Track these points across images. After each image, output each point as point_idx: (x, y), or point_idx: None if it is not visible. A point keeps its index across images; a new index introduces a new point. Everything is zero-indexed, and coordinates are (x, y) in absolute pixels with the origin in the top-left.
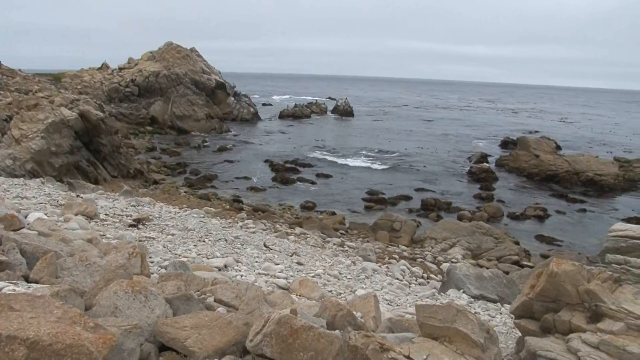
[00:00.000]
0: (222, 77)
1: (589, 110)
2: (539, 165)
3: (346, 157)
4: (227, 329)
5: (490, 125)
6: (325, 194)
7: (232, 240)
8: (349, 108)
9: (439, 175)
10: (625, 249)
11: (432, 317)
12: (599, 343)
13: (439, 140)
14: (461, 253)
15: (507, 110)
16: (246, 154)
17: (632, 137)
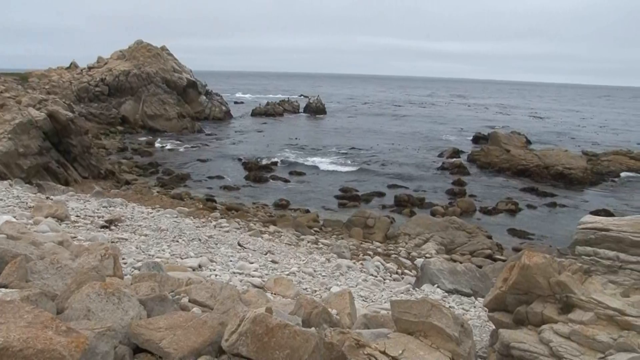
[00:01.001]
0: (193, 75)
1: (559, 106)
2: (510, 160)
3: (319, 155)
4: (203, 329)
5: (461, 121)
6: (298, 191)
7: (205, 239)
8: (321, 105)
9: (412, 171)
10: (594, 241)
11: (407, 313)
12: (570, 333)
13: (411, 137)
14: (435, 248)
15: (479, 105)
16: (219, 152)
17: (599, 130)
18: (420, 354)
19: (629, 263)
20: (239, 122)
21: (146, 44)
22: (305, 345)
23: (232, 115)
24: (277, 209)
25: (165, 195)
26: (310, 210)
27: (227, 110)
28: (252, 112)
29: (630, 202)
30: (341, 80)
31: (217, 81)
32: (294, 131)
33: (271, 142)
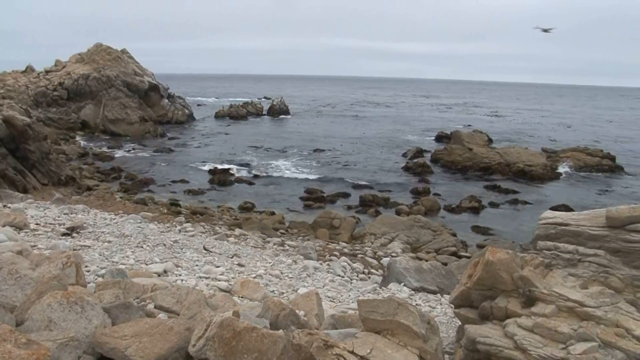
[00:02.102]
0: (155, 78)
1: (519, 104)
2: (473, 158)
3: (283, 157)
4: (169, 335)
5: (424, 121)
6: (263, 194)
7: (171, 244)
8: (285, 107)
9: (376, 171)
10: (554, 235)
11: (374, 312)
12: (533, 326)
13: (375, 137)
14: (400, 247)
15: (441, 105)
16: (182, 156)
17: (557, 128)
18: (388, 352)
19: (587, 256)
20: (202, 125)
21: (106, 47)
22: (273, 348)
23: (195, 119)
24: (242, 212)
25: (129, 200)
26: (276, 212)
27: (190, 113)
28: (215, 114)
29: (588, 196)
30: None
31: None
32: (257, 133)
33: (235, 145)
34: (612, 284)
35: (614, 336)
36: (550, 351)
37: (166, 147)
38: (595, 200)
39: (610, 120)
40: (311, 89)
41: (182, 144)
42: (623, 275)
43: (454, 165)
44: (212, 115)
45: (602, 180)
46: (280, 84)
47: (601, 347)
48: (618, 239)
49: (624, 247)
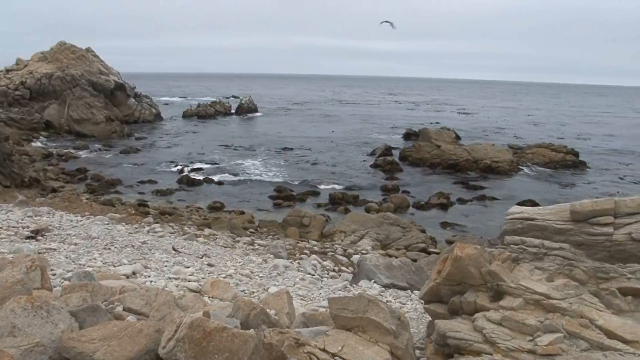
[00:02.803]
0: (121, 77)
1: (486, 102)
2: (441, 155)
3: (252, 156)
4: (138, 338)
5: (393, 119)
6: (232, 193)
7: (139, 245)
8: (253, 106)
9: (345, 169)
10: (521, 230)
11: (345, 309)
12: (502, 319)
13: (343, 135)
14: (370, 244)
15: (409, 103)
16: (150, 156)
17: (523, 125)
18: (359, 349)
19: (553, 249)
20: (170, 124)
21: (70, 46)
22: (244, 348)
23: (162, 118)
24: (211, 212)
25: (95, 201)
26: (245, 212)
27: (157, 112)
28: (183, 114)
29: (553, 191)
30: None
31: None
32: (226, 132)
33: (204, 144)
34: (577, 276)
35: (579, 327)
36: (518, 343)
37: (133, 147)
38: (560, 195)
39: (574, 116)
40: (280, 87)
41: (149, 144)
42: (587, 267)
43: (423, 162)
44: (180, 115)
45: (566, 175)
46: (249, 82)
47: (566, 337)
48: (582, 232)
49: (587, 240)
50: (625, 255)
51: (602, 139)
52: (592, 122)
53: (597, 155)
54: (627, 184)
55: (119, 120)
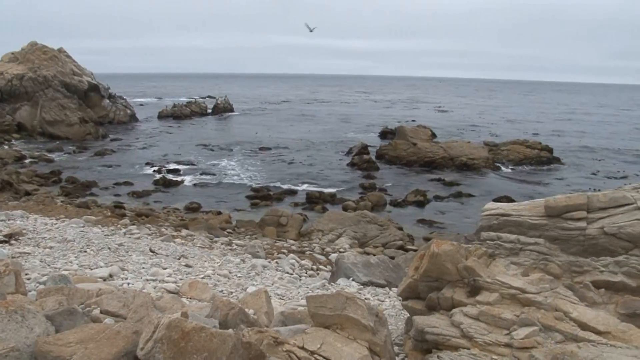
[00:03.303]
0: (94, 78)
1: (462, 99)
2: (417, 153)
3: (229, 156)
4: (116, 340)
5: (369, 117)
6: (209, 194)
7: (115, 248)
8: (229, 106)
9: (322, 168)
10: (497, 226)
11: (323, 307)
12: (479, 314)
13: (320, 134)
14: (348, 242)
15: (385, 101)
16: (126, 157)
17: (498, 122)
18: (338, 346)
19: (528, 244)
20: (145, 125)
21: (41, 46)
22: (222, 347)
23: (138, 119)
24: (188, 213)
25: (70, 204)
26: (223, 212)
27: (132, 113)
28: (158, 114)
29: (528, 187)
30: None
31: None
32: (202, 133)
33: (180, 145)
34: (552, 270)
35: (554, 319)
36: (495, 337)
37: (108, 149)
38: (535, 191)
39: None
40: (256, 87)
41: (125, 145)
42: (561, 261)
43: (399, 160)
44: (155, 116)
45: (541, 171)
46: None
47: (542, 330)
48: (556, 227)
49: (561, 235)
50: (598, 249)
51: (574, 136)
52: (564, 119)
53: (571, 152)
54: (600, 180)
55: (93, 121)
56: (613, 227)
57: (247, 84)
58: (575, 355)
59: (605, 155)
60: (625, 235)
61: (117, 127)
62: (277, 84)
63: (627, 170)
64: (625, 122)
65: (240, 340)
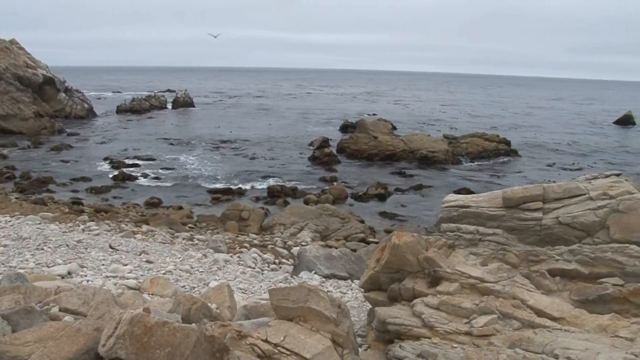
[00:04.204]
0: (50, 71)
1: (422, 93)
2: (378, 146)
3: (189, 150)
4: (77, 337)
5: (330, 111)
6: (170, 188)
7: (74, 245)
8: (189, 99)
9: (283, 162)
10: (457, 217)
11: (286, 299)
12: (439, 304)
13: (280, 127)
14: (310, 236)
15: (347, 95)
16: (83, 153)
17: (458, 115)
18: (301, 338)
19: (487, 235)
20: (103, 119)
21: None
22: (186, 341)
23: (95, 113)
24: (148, 208)
25: (26, 201)
26: (183, 207)
27: (90, 107)
28: (117, 109)
29: (486, 179)
30: (210, 74)
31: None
32: (162, 127)
33: (139, 140)
34: (509, 260)
35: (511, 307)
36: (455, 326)
37: (65, 144)
38: (493, 183)
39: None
40: (217, 80)
41: (82, 140)
42: (519, 251)
43: (360, 153)
44: (114, 110)
45: (499, 163)
46: (185, 76)
47: (500, 318)
48: (514, 217)
49: (519, 225)
50: (554, 238)
51: (531, 129)
52: (522, 112)
53: (528, 144)
54: (555, 171)
55: (49, 115)
56: (567, 217)
57: (208, 77)
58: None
59: (561, 147)
60: (579, 224)
61: (74, 121)
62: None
63: (581, 163)
64: (579, 116)
65: (203, 334)
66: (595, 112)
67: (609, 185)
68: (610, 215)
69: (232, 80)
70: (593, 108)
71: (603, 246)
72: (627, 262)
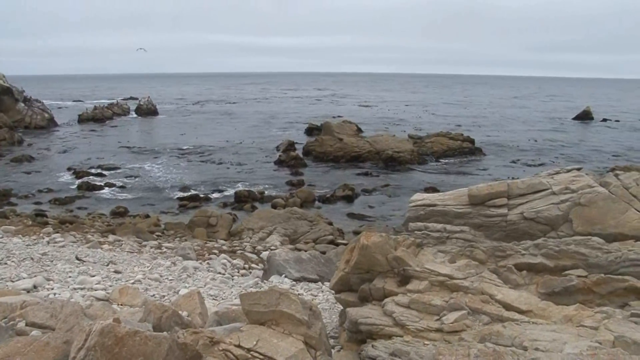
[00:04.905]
0: (7, 80)
1: (387, 94)
2: (344, 148)
3: (154, 158)
4: (45, 352)
5: (295, 114)
6: (136, 197)
7: (39, 258)
8: (152, 107)
9: (250, 167)
10: (424, 216)
11: (257, 304)
12: (410, 302)
13: (245, 132)
14: (279, 240)
15: (311, 98)
16: (46, 163)
17: (422, 115)
18: (274, 342)
19: (454, 232)
20: (65, 129)
21: None
22: (158, 350)
23: (57, 123)
24: (115, 218)
25: None
26: (150, 215)
27: (50, 117)
28: (79, 118)
29: (452, 178)
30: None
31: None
32: (125, 135)
33: (102, 149)
34: (477, 256)
35: (480, 303)
36: (426, 324)
37: (26, 155)
38: (459, 181)
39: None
40: (179, 86)
41: (44, 151)
42: (486, 247)
43: (326, 155)
44: (76, 119)
45: (464, 162)
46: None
47: (470, 314)
48: (480, 214)
49: (485, 222)
50: (519, 233)
51: (495, 126)
52: (485, 110)
53: (491, 142)
54: (520, 167)
55: (7, 126)
56: (532, 212)
57: (171, 83)
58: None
59: (523, 144)
60: (543, 219)
61: (34, 132)
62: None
63: (543, 158)
64: (540, 113)
65: (175, 342)
66: (556, 109)
67: (571, 180)
68: (572, 209)
69: (196, 86)
70: (553, 105)
71: (567, 239)
72: (590, 254)
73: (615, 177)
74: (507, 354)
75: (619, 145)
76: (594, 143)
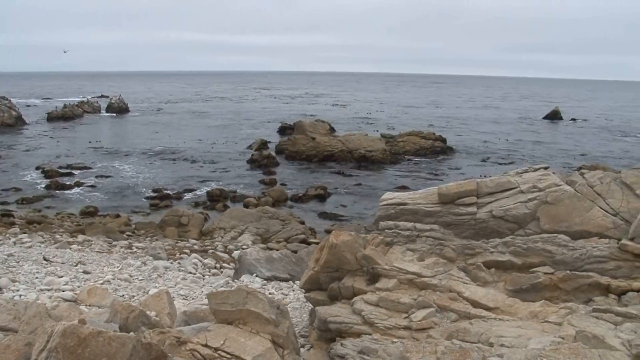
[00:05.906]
0: None
1: (359, 93)
2: (316, 147)
3: (125, 157)
4: (6, 354)
5: (267, 113)
6: (106, 197)
7: (4, 259)
8: (123, 105)
9: (222, 166)
10: (394, 215)
11: (224, 303)
12: (378, 300)
13: (217, 131)
14: (251, 239)
15: (284, 97)
16: (13, 162)
17: (394, 114)
18: (241, 341)
19: (424, 231)
20: (33, 127)
21: None
22: (122, 350)
23: (25, 121)
24: (84, 217)
25: None
26: (121, 215)
27: (18, 115)
28: (48, 116)
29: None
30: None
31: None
32: (96, 134)
33: (72, 147)
34: (447, 254)
35: (448, 300)
36: (395, 321)
37: None
38: (430, 180)
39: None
40: (150, 84)
41: (11, 149)
42: (455, 245)
43: (299, 155)
44: (45, 117)
45: (436, 160)
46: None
47: (438, 311)
48: (449, 213)
49: (454, 220)
50: (488, 231)
51: (466, 125)
52: (456, 109)
53: (463, 141)
54: (491, 165)
55: None
56: (500, 210)
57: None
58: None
59: (494, 143)
60: (511, 217)
61: (1, 130)
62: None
63: (512, 156)
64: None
65: (140, 342)
66: (526, 108)
67: (538, 178)
68: (539, 207)
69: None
70: (523, 104)
71: (534, 237)
72: (556, 251)
73: (580, 176)
74: (473, 350)
75: (584, 144)
76: (562, 142)
